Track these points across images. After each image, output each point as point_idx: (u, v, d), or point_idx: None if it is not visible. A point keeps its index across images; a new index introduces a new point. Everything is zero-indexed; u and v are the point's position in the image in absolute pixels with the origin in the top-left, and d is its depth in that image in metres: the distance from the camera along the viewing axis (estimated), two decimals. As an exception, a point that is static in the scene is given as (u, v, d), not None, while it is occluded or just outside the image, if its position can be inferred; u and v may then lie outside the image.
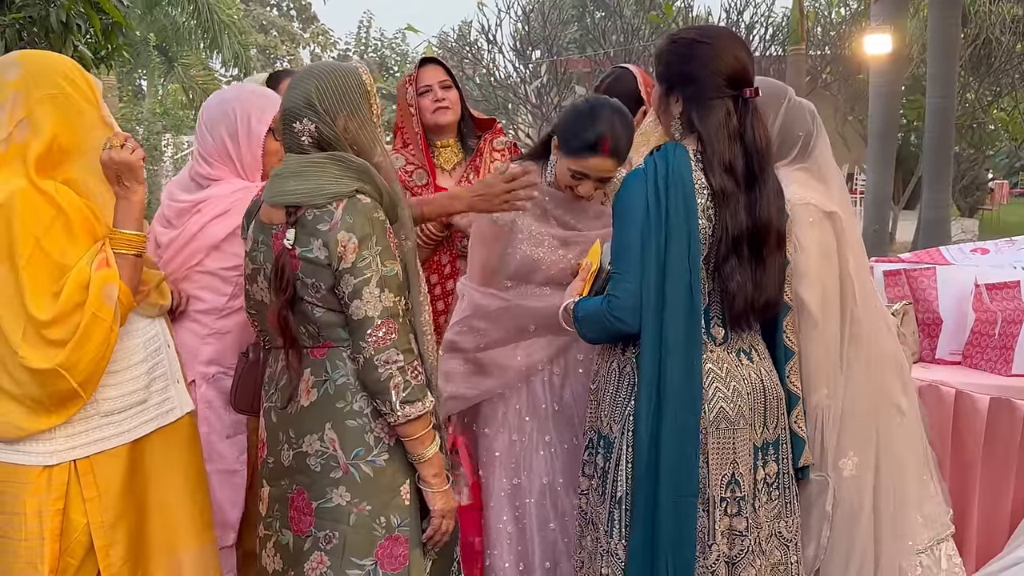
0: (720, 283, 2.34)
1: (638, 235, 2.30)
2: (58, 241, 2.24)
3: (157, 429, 2.45)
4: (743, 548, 2.36)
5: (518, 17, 17.81)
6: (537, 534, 2.88)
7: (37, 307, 2.19)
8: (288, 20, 35.60)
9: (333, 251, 2.17)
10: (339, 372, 2.25)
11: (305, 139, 2.27)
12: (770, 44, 16.91)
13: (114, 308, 2.26)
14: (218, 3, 18.23)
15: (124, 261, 2.31)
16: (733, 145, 2.32)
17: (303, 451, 2.28)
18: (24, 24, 5.82)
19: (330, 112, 2.26)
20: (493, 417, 2.93)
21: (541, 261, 2.84)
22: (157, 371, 2.46)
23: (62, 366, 2.21)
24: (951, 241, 12.31)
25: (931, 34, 12.44)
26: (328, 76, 2.28)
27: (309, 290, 2.22)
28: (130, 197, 2.33)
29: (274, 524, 2.36)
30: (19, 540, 2.29)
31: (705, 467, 2.32)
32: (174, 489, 2.47)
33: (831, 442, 2.62)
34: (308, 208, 2.21)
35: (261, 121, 2.76)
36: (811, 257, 2.59)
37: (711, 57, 2.34)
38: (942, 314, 3.79)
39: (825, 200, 2.64)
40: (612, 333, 2.36)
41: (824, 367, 2.61)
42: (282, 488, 2.33)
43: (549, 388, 2.89)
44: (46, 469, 2.29)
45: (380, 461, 2.26)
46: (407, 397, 2.19)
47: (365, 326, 2.17)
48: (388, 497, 2.26)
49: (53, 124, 2.29)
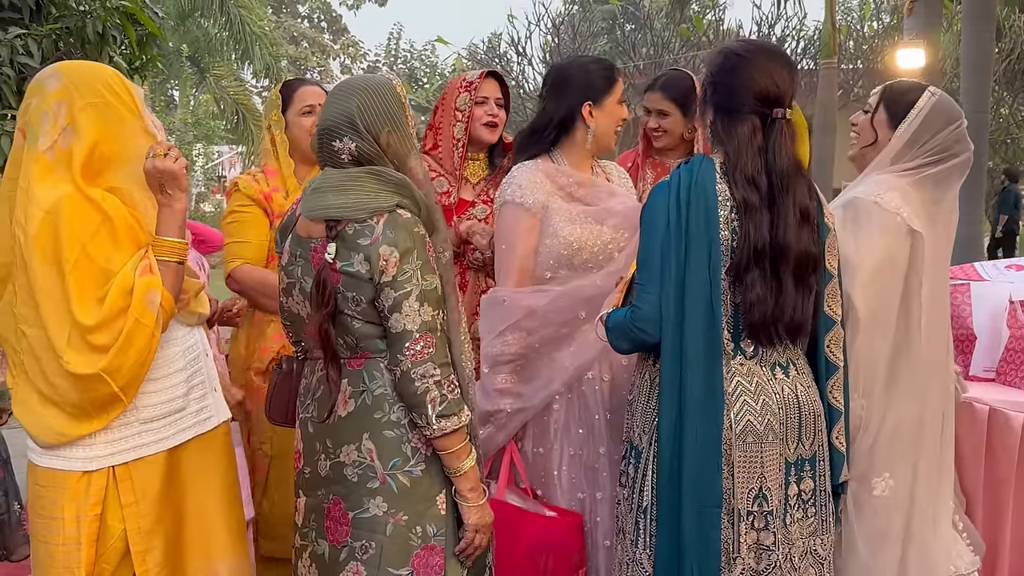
0: (741, 293, 2.33)
1: (659, 247, 2.31)
2: (103, 247, 2.27)
3: (194, 437, 2.46)
4: (770, 563, 2.34)
5: (548, 30, 17.87)
6: (601, 550, 2.82)
7: (82, 312, 2.22)
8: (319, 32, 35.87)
9: (375, 265, 2.18)
10: (376, 383, 2.26)
11: (345, 157, 2.27)
12: (802, 57, 16.86)
13: (156, 314, 2.28)
14: (250, 15, 18.40)
15: (167, 268, 2.33)
16: (756, 160, 2.33)
17: (340, 461, 2.29)
18: (61, 35, 5.89)
19: (372, 130, 2.26)
20: (544, 434, 2.88)
21: (579, 240, 2.83)
22: (195, 379, 2.48)
23: (105, 371, 2.23)
24: (984, 257, 12.19)
25: (965, 48, 12.33)
26: (369, 94, 2.28)
27: (349, 303, 2.23)
28: (173, 205, 2.35)
29: (310, 535, 2.36)
30: (56, 545, 2.32)
31: (730, 479, 2.31)
32: (210, 497, 2.49)
33: (863, 454, 2.61)
34: (349, 223, 2.22)
35: None
36: (870, 260, 2.59)
37: (745, 72, 2.36)
38: (976, 331, 3.75)
39: (914, 218, 2.65)
40: (636, 344, 2.38)
41: (862, 376, 2.59)
42: (318, 498, 2.34)
43: (600, 396, 2.85)
44: (85, 475, 2.32)
45: (417, 471, 2.26)
46: (443, 411, 2.19)
47: (404, 339, 2.19)
48: (424, 507, 2.27)
49: (95, 132, 2.32)
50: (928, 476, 2.71)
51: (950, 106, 2.77)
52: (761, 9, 16.91)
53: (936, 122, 2.72)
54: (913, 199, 2.67)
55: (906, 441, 2.65)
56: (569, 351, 2.84)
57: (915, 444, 2.67)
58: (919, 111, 2.71)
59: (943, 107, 2.74)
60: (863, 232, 2.61)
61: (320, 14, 36.46)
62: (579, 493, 2.85)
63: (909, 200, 2.66)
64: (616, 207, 2.88)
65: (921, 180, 2.71)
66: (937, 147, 2.71)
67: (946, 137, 2.71)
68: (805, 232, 2.35)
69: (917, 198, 2.68)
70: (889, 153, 2.74)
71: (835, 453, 2.49)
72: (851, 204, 2.67)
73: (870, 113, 2.83)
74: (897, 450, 2.64)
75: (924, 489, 2.69)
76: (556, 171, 2.92)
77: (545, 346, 2.84)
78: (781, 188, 2.33)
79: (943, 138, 2.71)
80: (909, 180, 2.70)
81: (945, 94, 2.80)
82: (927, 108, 2.72)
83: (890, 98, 2.80)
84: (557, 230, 2.84)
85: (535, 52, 18.20)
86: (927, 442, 2.70)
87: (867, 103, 2.88)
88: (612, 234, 2.85)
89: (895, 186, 2.67)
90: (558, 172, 2.91)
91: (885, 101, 2.81)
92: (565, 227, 2.84)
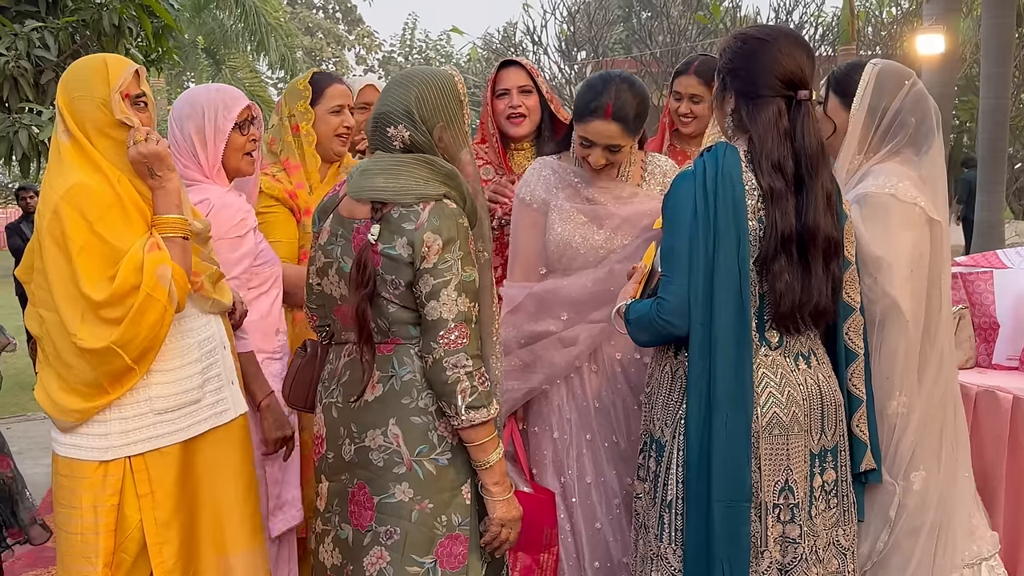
0: (769, 283, 2.31)
1: (686, 237, 2.29)
2: (114, 227, 2.33)
3: (211, 429, 2.48)
4: (796, 556, 2.33)
5: (563, 18, 17.81)
6: (585, 533, 2.87)
7: (92, 289, 2.28)
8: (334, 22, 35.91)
9: (417, 250, 2.19)
10: (406, 368, 2.27)
11: (397, 144, 2.29)
12: (820, 44, 16.74)
13: (169, 288, 2.32)
14: (264, 6, 18.43)
15: (172, 244, 2.38)
16: (782, 145, 2.30)
17: (365, 446, 2.29)
18: (77, 28, 5.91)
19: (428, 122, 2.29)
20: (539, 415, 2.94)
21: (573, 241, 2.84)
22: (212, 371, 2.49)
23: (116, 343, 2.28)
24: (1004, 243, 12.10)
25: (985, 34, 12.24)
26: (429, 86, 2.30)
27: (388, 286, 2.23)
28: (165, 186, 2.41)
29: (333, 519, 2.37)
30: (75, 534, 2.37)
31: (757, 472, 2.30)
32: (226, 490, 2.50)
33: (906, 451, 2.58)
34: (395, 206, 2.23)
35: (227, 118, 2.82)
36: (905, 257, 2.56)
37: (768, 55, 2.33)
38: (999, 319, 3.71)
39: (932, 206, 2.62)
40: (662, 336, 2.35)
41: (905, 373, 2.57)
42: (342, 483, 2.35)
43: (588, 385, 2.88)
44: (102, 465, 2.36)
45: (443, 460, 2.26)
46: (473, 402, 2.19)
47: (439, 327, 2.19)
48: (450, 496, 2.27)
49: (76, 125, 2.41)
50: (953, 463, 2.69)
51: (897, 68, 2.70)
52: (778, -5, 16.74)
53: (886, 85, 2.65)
54: (922, 186, 2.63)
55: (935, 432, 2.63)
56: (557, 356, 2.85)
57: (941, 434, 2.65)
58: (866, 83, 2.65)
59: (889, 71, 2.68)
60: (890, 229, 2.56)
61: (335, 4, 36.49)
62: (562, 476, 2.89)
63: (922, 189, 2.62)
64: (619, 211, 2.84)
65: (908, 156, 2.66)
66: (898, 110, 2.65)
67: (904, 98, 2.65)
68: (830, 216, 2.33)
69: (921, 182, 2.64)
70: (854, 132, 2.67)
71: (856, 442, 2.47)
72: (865, 200, 2.60)
73: (823, 104, 2.76)
74: (928, 442, 2.61)
75: (950, 477, 2.67)
76: (565, 168, 2.92)
77: (536, 344, 2.87)
78: (810, 170, 2.31)
79: (901, 99, 2.65)
80: (912, 166, 2.65)
81: (889, 60, 2.74)
82: (872, 77, 2.66)
83: (835, 84, 2.75)
84: (551, 227, 2.86)
85: (551, 41, 18.14)
86: (949, 430, 2.68)
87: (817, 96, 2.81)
88: (607, 237, 2.83)
89: (904, 175, 2.62)
90: (567, 169, 2.91)
91: (831, 87, 2.76)
92: (557, 225, 2.85)
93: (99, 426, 2.36)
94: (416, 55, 32.40)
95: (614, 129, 2.73)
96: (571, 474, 2.88)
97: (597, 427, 2.87)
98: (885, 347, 2.55)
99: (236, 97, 2.87)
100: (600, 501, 2.87)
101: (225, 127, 2.81)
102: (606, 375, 2.87)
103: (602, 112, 2.70)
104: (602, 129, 2.73)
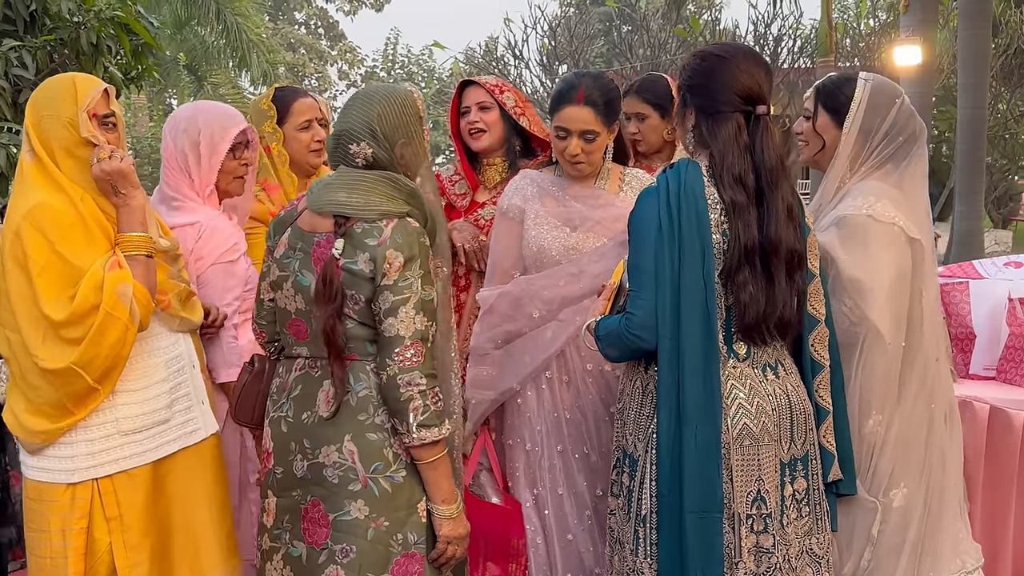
0: (734, 294, 2.32)
1: (651, 252, 2.30)
2: (76, 247, 2.32)
3: (181, 450, 2.46)
4: (770, 565, 2.33)
5: (544, 32, 17.83)
6: (557, 545, 2.88)
7: (52, 309, 2.27)
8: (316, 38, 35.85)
9: (379, 266, 2.19)
10: (361, 384, 2.26)
11: (360, 161, 2.30)
12: (799, 56, 16.80)
13: (129, 307, 2.31)
14: (246, 22, 18.39)
15: (135, 262, 2.37)
16: (743, 159, 2.32)
17: (319, 462, 2.27)
18: (55, 46, 5.89)
19: (390, 139, 2.30)
20: (512, 428, 2.96)
21: (546, 243, 2.88)
22: (180, 391, 2.48)
23: (77, 363, 2.27)
24: (984, 253, 12.17)
25: (961, 44, 12.34)
26: (390, 102, 2.31)
27: (348, 302, 2.23)
28: (129, 203, 2.40)
29: (283, 536, 2.35)
30: (45, 558, 2.35)
31: (729, 484, 2.30)
32: (199, 512, 2.48)
33: (884, 469, 2.59)
34: (358, 221, 2.23)
35: (224, 139, 2.79)
36: (885, 278, 2.56)
37: (726, 71, 2.35)
38: (975, 329, 3.74)
39: (912, 224, 2.61)
40: (631, 351, 2.37)
41: (883, 392, 2.57)
42: (294, 499, 2.32)
43: (559, 396, 2.89)
44: (70, 487, 2.34)
45: (399, 477, 2.26)
46: (424, 421, 2.19)
47: (395, 344, 2.19)
48: (406, 514, 2.26)
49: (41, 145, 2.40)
50: (939, 477, 2.69)
51: (889, 86, 2.71)
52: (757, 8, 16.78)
53: (880, 104, 2.66)
54: (902, 203, 2.63)
55: (917, 448, 2.63)
56: (525, 359, 2.88)
57: (924, 449, 2.64)
58: (859, 102, 2.66)
59: (881, 89, 2.68)
60: (869, 251, 2.56)
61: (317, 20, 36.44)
62: (535, 488, 2.91)
63: (900, 206, 2.61)
64: (592, 214, 2.89)
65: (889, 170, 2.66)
66: (889, 128, 2.65)
67: (896, 116, 2.66)
68: (792, 229, 2.35)
69: (901, 198, 2.64)
70: (845, 151, 2.68)
71: (824, 452, 2.48)
72: (844, 222, 2.60)
73: (811, 119, 2.76)
74: (909, 459, 2.61)
75: (936, 491, 2.67)
76: (544, 178, 2.98)
77: (505, 342, 2.91)
78: (770, 183, 2.33)
79: (893, 117, 2.66)
80: (891, 182, 2.65)
81: (879, 76, 2.74)
82: (866, 96, 2.66)
83: (826, 99, 2.74)
84: (526, 232, 2.91)
85: (532, 55, 18.17)
86: (935, 445, 2.68)
87: (804, 108, 2.81)
88: (580, 239, 2.87)
89: (883, 193, 2.62)
90: (546, 179, 2.97)
91: (822, 103, 2.74)
92: (532, 229, 2.90)
93: (66, 448, 2.35)
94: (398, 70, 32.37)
95: (587, 113, 2.80)
96: (544, 485, 2.89)
97: (568, 438, 2.89)
98: (865, 370, 2.56)
99: (234, 119, 2.84)
100: (572, 512, 2.88)
101: (221, 149, 2.78)
102: (577, 387, 2.89)
103: (574, 98, 2.79)
104: (575, 114, 2.80)
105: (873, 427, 2.57)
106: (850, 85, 2.70)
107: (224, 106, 2.96)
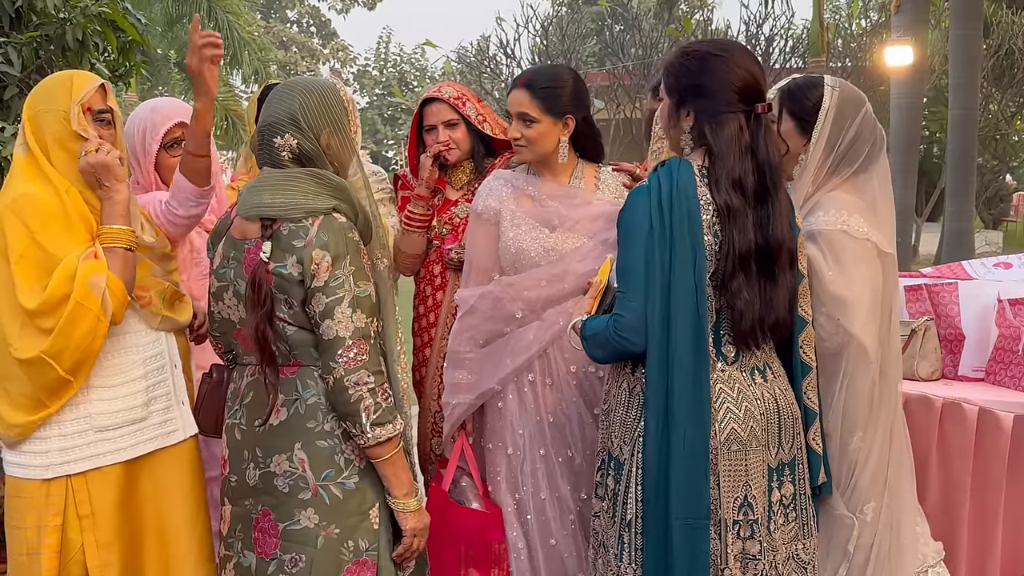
0: (728, 300, 2.29)
1: (642, 253, 2.26)
2: (56, 237, 2.31)
3: (157, 450, 2.44)
4: (757, 572, 2.31)
5: (537, 32, 17.80)
6: (540, 550, 2.86)
7: (26, 298, 2.26)
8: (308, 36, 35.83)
9: (307, 268, 2.15)
10: (310, 391, 2.23)
11: (285, 154, 2.25)
12: (790, 56, 16.81)
13: (102, 298, 2.29)
14: (238, 20, 18.34)
15: (113, 254, 2.35)
16: (745, 160, 2.28)
17: (271, 471, 2.24)
18: (41, 42, 5.84)
19: (314, 128, 2.25)
20: (493, 432, 2.93)
21: (525, 245, 2.85)
22: (158, 390, 2.45)
23: (47, 353, 2.26)
24: (975, 253, 12.19)
25: (953, 45, 12.36)
26: (312, 92, 2.27)
27: (282, 306, 2.19)
28: (112, 196, 2.39)
29: (235, 545, 2.32)
30: (20, 555, 2.35)
31: (716, 489, 2.27)
32: (173, 514, 2.46)
33: (864, 486, 2.58)
34: (284, 222, 2.19)
35: (153, 139, 2.91)
36: (866, 296, 2.53)
37: (724, 70, 2.30)
38: (964, 330, 3.72)
39: (883, 238, 2.59)
40: (619, 353, 2.32)
41: (867, 411, 2.56)
42: (246, 508, 2.30)
43: (542, 399, 2.87)
44: (44, 483, 2.33)
45: (350, 484, 2.23)
46: (377, 419, 2.16)
47: (336, 346, 2.15)
48: (357, 521, 2.24)
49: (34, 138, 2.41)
50: (897, 484, 2.68)
51: (855, 94, 2.67)
52: (749, 8, 16.82)
53: (847, 112, 2.61)
54: (871, 217, 2.59)
55: (884, 462, 2.62)
56: (505, 361, 2.85)
57: (887, 463, 2.63)
58: (826, 112, 2.61)
59: (848, 97, 2.63)
60: (846, 268, 2.53)
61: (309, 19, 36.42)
62: (517, 493, 2.89)
63: (871, 221, 2.58)
64: (571, 213, 2.87)
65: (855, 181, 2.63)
66: (855, 138, 2.61)
67: (860, 125, 2.61)
68: (789, 228, 2.32)
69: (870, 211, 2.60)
70: (814, 161, 2.63)
71: (812, 455, 2.46)
72: (818, 236, 2.56)
73: (775, 124, 2.67)
74: (879, 474, 2.60)
75: (897, 499, 2.66)
76: (518, 177, 2.96)
77: (486, 343, 2.89)
78: (774, 182, 2.29)
79: (858, 126, 2.61)
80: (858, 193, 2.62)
81: (843, 81, 2.69)
82: (834, 106, 2.61)
83: (791, 105, 2.68)
84: (504, 234, 2.88)
85: (524, 54, 18.13)
86: (895, 455, 2.67)
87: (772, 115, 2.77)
88: (559, 239, 2.85)
89: (854, 207, 2.58)
90: (519, 178, 2.95)
91: (788, 109, 2.68)
92: (509, 231, 2.88)
93: (40, 443, 2.33)
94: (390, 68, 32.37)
95: (523, 96, 2.84)
96: (526, 490, 2.87)
97: (551, 442, 2.86)
98: (851, 390, 2.54)
99: (167, 117, 2.92)
100: (555, 517, 2.86)
101: (152, 148, 2.89)
102: (560, 389, 2.86)
103: (519, 82, 2.87)
104: (513, 97, 2.87)
105: (857, 444, 2.56)
106: (816, 91, 2.65)
107: (162, 104, 3.04)
